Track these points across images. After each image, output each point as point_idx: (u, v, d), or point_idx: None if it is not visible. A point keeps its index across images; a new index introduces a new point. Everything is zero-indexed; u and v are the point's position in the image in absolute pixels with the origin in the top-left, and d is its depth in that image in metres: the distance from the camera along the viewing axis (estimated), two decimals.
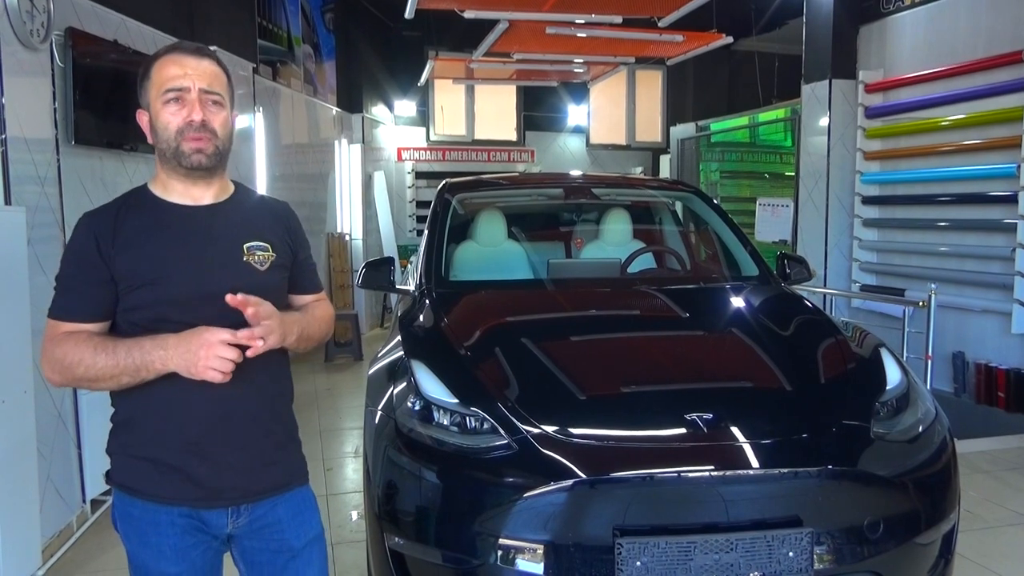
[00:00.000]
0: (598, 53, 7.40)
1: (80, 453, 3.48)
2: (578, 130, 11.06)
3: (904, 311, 5.12)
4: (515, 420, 2.21)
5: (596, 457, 2.12)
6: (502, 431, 2.20)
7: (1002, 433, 4.99)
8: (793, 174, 11.75)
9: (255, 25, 6.20)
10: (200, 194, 1.63)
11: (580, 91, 10.70)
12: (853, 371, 2.48)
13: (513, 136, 10.77)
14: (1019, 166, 5.17)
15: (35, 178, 3.19)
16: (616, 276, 3.37)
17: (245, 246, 1.63)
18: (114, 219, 1.56)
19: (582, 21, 6.03)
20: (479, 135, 10.59)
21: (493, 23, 6.67)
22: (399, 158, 10.31)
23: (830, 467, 2.14)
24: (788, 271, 3.48)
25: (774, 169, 11.61)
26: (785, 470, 2.11)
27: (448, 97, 10.38)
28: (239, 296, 1.47)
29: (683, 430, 2.16)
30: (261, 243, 1.65)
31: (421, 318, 2.95)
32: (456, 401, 2.31)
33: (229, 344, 1.45)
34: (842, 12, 6.74)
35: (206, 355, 1.44)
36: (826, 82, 6.85)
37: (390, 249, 9.22)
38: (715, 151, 10.87)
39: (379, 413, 2.50)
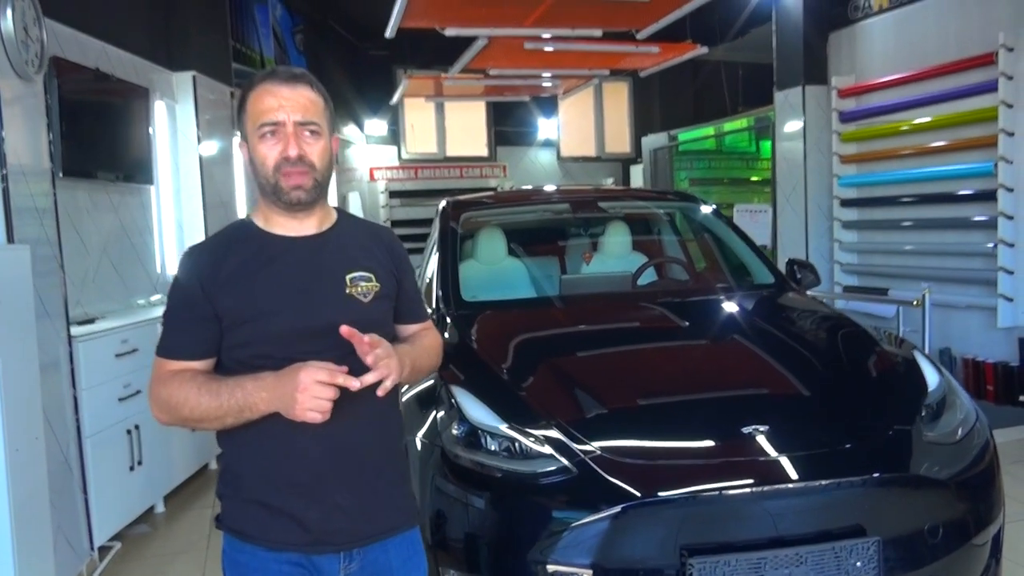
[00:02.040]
0: (574, 67, 7.44)
1: (87, 498, 3.33)
2: (548, 144, 11.10)
3: (898, 310, 5.20)
4: (571, 443, 2.17)
5: (659, 476, 2.09)
6: (559, 454, 2.15)
7: (993, 426, 5.08)
8: (758, 179, 12.03)
9: (229, 48, 6.09)
10: (301, 225, 1.56)
11: (549, 105, 10.75)
12: (895, 375, 2.49)
13: (484, 152, 10.77)
14: (996, 164, 5.30)
15: (33, 211, 3.07)
16: (635, 290, 3.34)
17: (348, 277, 1.54)
18: (217, 254, 1.51)
19: (561, 36, 6.06)
20: (451, 152, 10.57)
21: (469, 40, 6.67)
22: (372, 178, 10.21)
23: (890, 473, 2.15)
24: (798, 277, 3.50)
25: (741, 175, 11.80)
26: (846, 479, 2.10)
27: (418, 115, 10.34)
28: (352, 329, 1.41)
29: (742, 444, 2.14)
30: (365, 273, 1.56)
31: (449, 341, 2.89)
32: (506, 425, 2.26)
33: (324, 383, 1.38)
34: (811, 20, 6.87)
35: (302, 398, 1.36)
36: (799, 88, 6.97)
37: None
38: (683, 159, 11.01)
39: (421, 441, 2.44)
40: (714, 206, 3.98)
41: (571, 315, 3.14)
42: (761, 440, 2.14)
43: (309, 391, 1.36)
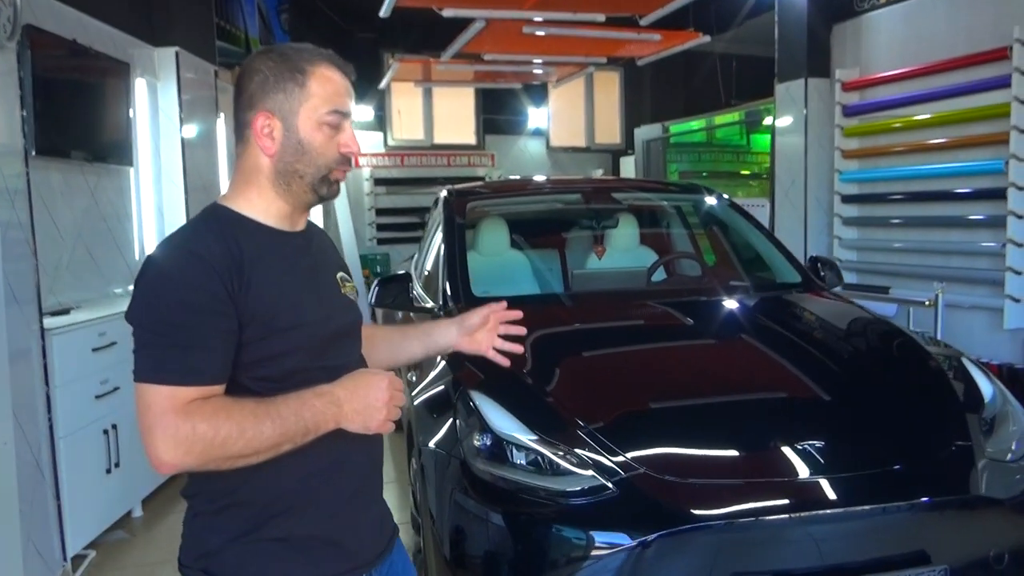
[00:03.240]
0: (571, 53, 7.21)
1: (60, 504, 3.07)
2: (538, 133, 10.87)
3: (908, 311, 5.06)
4: (608, 457, 1.96)
5: (706, 498, 1.89)
6: (595, 471, 1.95)
7: None
8: (747, 172, 11.92)
9: (214, 25, 5.79)
10: (300, 220, 1.39)
11: (539, 93, 10.52)
12: (949, 386, 2.31)
13: (473, 140, 10.51)
14: (1007, 162, 5.17)
15: (4, 192, 2.80)
16: (655, 288, 3.14)
17: (338, 276, 1.45)
18: (230, 248, 1.24)
19: (563, 20, 5.83)
20: (438, 139, 10.30)
21: (461, 23, 6.43)
22: (356, 164, 9.91)
23: (956, 495, 1.97)
24: (822, 275, 3.32)
25: (731, 168, 11.70)
26: (910, 502, 1.92)
27: (405, 101, 10.06)
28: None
29: (796, 462, 1.95)
30: (344, 273, 1.48)
31: None
32: (535, 438, 2.05)
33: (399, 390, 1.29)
34: (815, 10, 6.70)
35: (388, 410, 1.25)
36: (801, 81, 6.81)
37: (352, 258, 8.84)
38: (673, 151, 10.86)
39: (436, 451, 2.22)
40: (729, 199, 3.79)
41: (591, 314, 2.93)
42: (817, 458, 1.95)
43: (394, 400, 1.26)
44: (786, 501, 1.88)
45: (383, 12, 5.39)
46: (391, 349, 1.64)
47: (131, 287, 4.34)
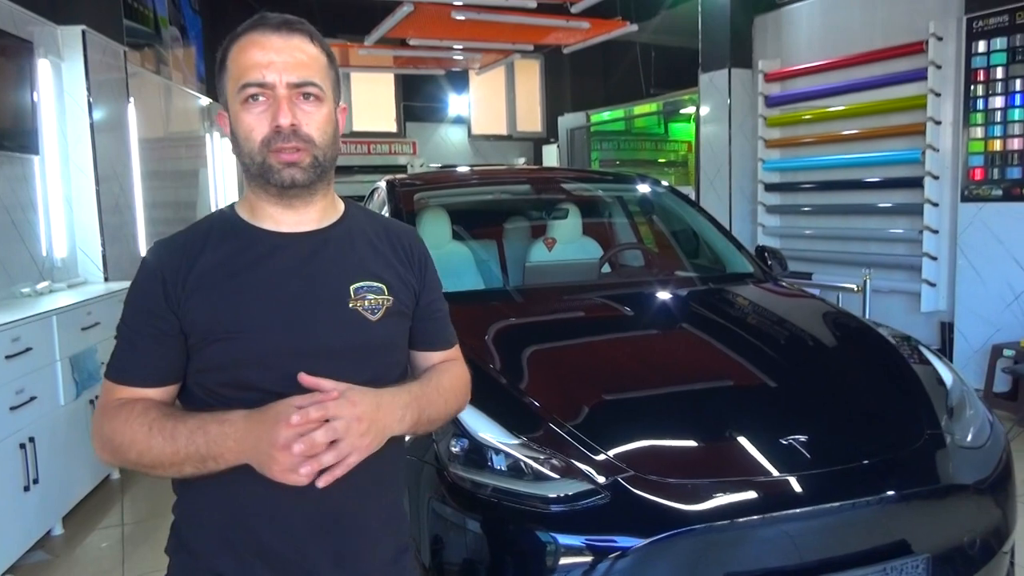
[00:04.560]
0: (499, 40, 7.11)
1: None
2: (459, 120, 10.73)
3: (838, 296, 5.22)
4: (599, 460, 1.90)
5: (698, 499, 1.84)
6: (582, 475, 1.88)
7: None
8: (664, 160, 12.13)
9: (121, 3, 5.40)
10: (298, 218, 1.21)
11: (461, 80, 10.38)
12: (913, 373, 2.35)
13: (393, 127, 10.29)
14: (923, 152, 5.39)
15: None
16: (614, 280, 3.10)
17: (352, 287, 1.21)
18: (189, 252, 1.18)
19: (494, 5, 5.73)
20: (357, 127, 10.02)
21: (388, 6, 6.25)
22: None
23: (932, 484, 2.00)
24: (769, 264, 3.36)
25: (649, 156, 11.87)
26: (893, 493, 1.93)
27: None
28: (311, 378, 1.09)
29: (785, 458, 1.93)
30: (373, 283, 1.23)
31: None
32: (517, 442, 1.96)
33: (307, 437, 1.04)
34: (737, 3, 6.82)
35: (282, 457, 1.03)
36: (724, 71, 6.93)
37: None
38: (593, 139, 10.94)
39: (408, 458, 2.10)
40: (670, 188, 3.78)
41: (555, 308, 2.85)
42: (804, 453, 1.94)
43: (294, 448, 1.03)
44: (784, 497, 1.86)
45: None
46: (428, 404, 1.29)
47: (40, 285, 3.99)
